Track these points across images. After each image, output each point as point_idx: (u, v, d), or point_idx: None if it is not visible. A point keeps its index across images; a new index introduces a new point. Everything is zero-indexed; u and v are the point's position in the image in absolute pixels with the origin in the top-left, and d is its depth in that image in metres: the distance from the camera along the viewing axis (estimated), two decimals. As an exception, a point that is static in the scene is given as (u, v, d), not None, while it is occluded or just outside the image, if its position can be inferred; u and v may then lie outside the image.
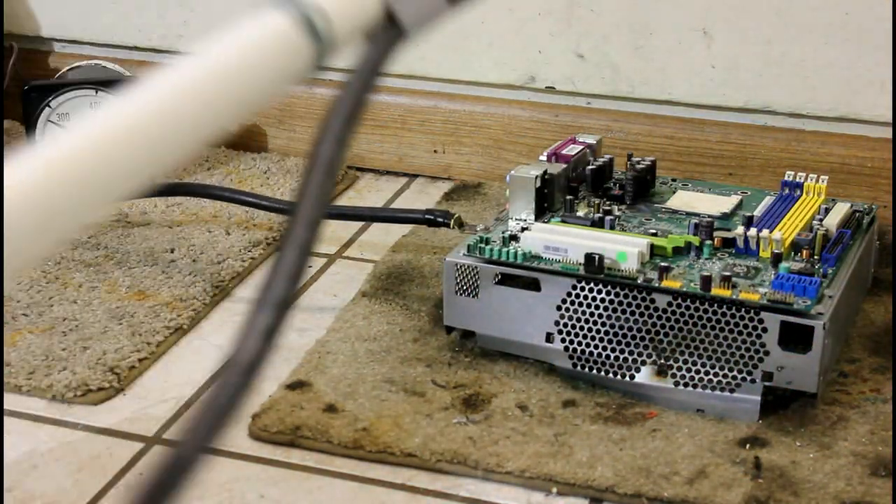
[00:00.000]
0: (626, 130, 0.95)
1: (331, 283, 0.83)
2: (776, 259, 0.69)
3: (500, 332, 0.71)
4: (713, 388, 0.67)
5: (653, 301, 0.67)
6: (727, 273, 0.67)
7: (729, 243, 0.71)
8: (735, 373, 0.66)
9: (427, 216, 0.82)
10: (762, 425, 0.66)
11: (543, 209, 0.75)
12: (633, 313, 0.68)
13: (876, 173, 0.89)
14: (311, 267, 0.85)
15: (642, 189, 0.78)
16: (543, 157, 0.78)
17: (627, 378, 0.68)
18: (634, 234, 0.72)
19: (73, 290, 0.80)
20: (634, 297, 0.67)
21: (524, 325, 0.70)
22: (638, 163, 0.79)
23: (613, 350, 0.68)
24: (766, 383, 0.66)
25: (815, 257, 0.70)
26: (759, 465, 0.63)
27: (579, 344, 0.69)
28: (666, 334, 0.67)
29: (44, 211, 0.29)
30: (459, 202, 0.94)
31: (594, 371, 0.69)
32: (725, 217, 0.75)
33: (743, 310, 0.65)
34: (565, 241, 0.69)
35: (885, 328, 0.75)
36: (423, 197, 0.97)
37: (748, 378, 0.66)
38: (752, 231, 0.70)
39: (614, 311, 0.68)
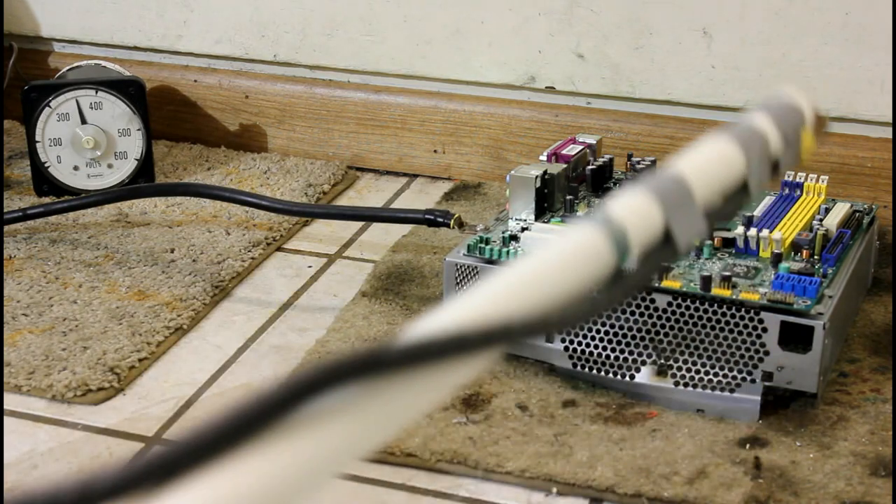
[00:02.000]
0: (626, 130, 0.95)
1: (331, 283, 0.83)
2: (776, 259, 0.69)
3: (500, 332, 0.71)
4: (713, 388, 0.67)
5: (653, 301, 0.67)
6: (727, 273, 0.67)
7: (729, 243, 0.71)
8: (735, 373, 0.66)
9: (427, 216, 0.82)
10: (762, 425, 0.66)
11: (543, 209, 0.75)
12: (633, 313, 0.68)
13: (876, 173, 0.89)
14: (310, 267, 0.85)
15: (642, 189, 0.78)
16: (543, 157, 0.78)
17: (627, 378, 0.68)
18: (634, 234, 0.72)
19: (73, 290, 0.80)
20: (634, 297, 0.67)
21: (524, 325, 0.70)
22: (638, 163, 0.79)
23: (613, 350, 0.68)
24: (766, 383, 0.66)
25: (815, 257, 0.70)
26: (759, 465, 0.63)
27: (579, 344, 0.69)
28: (666, 334, 0.67)
29: None
30: (459, 202, 0.94)
31: (594, 371, 0.69)
32: (725, 217, 0.75)
33: (743, 310, 0.65)
34: (565, 241, 0.69)
35: (885, 328, 0.75)
36: (423, 197, 0.97)
37: (748, 378, 0.66)
38: (752, 231, 0.70)
39: (614, 310, 0.68)
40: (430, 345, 0.29)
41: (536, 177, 0.74)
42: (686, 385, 0.67)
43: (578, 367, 0.69)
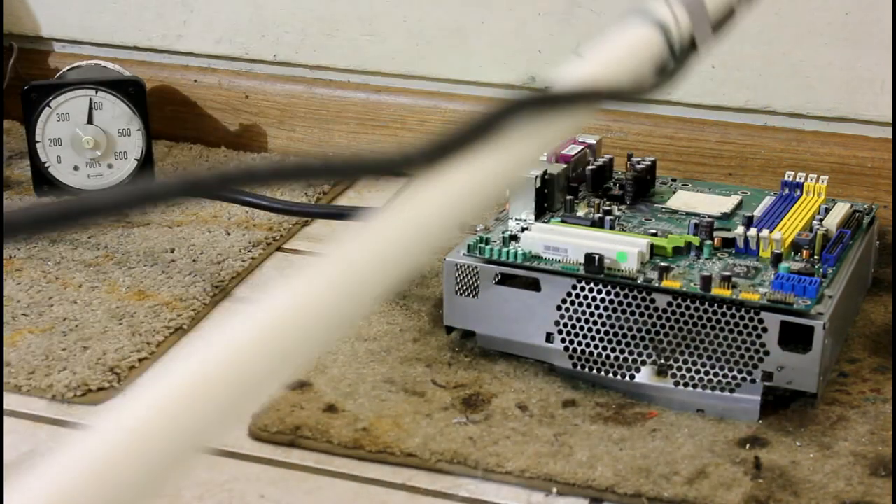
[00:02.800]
0: (626, 130, 0.95)
1: (331, 283, 0.83)
2: (776, 259, 0.69)
3: (500, 332, 0.71)
4: (713, 388, 0.67)
5: (653, 301, 0.67)
6: (727, 273, 0.67)
7: (729, 243, 0.71)
8: (735, 373, 0.66)
9: (427, 216, 0.82)
10: (762, 425, 0.66)
11: (543, 209, 0.75)
12: (633, 313, 0.68)
13: (876, 173, 0.89)
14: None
15: (642, 189, 0.78)
16: (543, 157, 0.78)
17: (627, 378, 0.68)
18: (634, 234, 0.72)
19: (73, 290, 0.80)
20: (634, 297, 0.67)
21: (524, 325, 0.70)
22: (638, 163, 0.79)
23: (613, 350, 0.68)
24: (766, 383, 0.66)
25: (815, 257, 0.70)
26: (759, 465, 0.63)
27: (579, 344, 0.69)
28: (666, 334, 0.67)
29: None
30: (459, 202, 0.94)
31: (594, 371, 0.69)
32: (725, 217, 0.75)
33: (743, 310, 0.65)
34: (565, 241, 0.69)
35: (885, 328, 0.75)
36: (423, 197, 0.97)
37: (748, 378, 0.66)
38: (752, 231, 0.70)
39: (614, 311, 0.68)
40: (573, 93, 0.45)
41: (536, 177, 0.74)
42: (686, 385, 0.67)
43: (578, 367, 0.69)
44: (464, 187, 0.38)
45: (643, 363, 0.68)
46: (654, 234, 0.72)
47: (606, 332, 0.68)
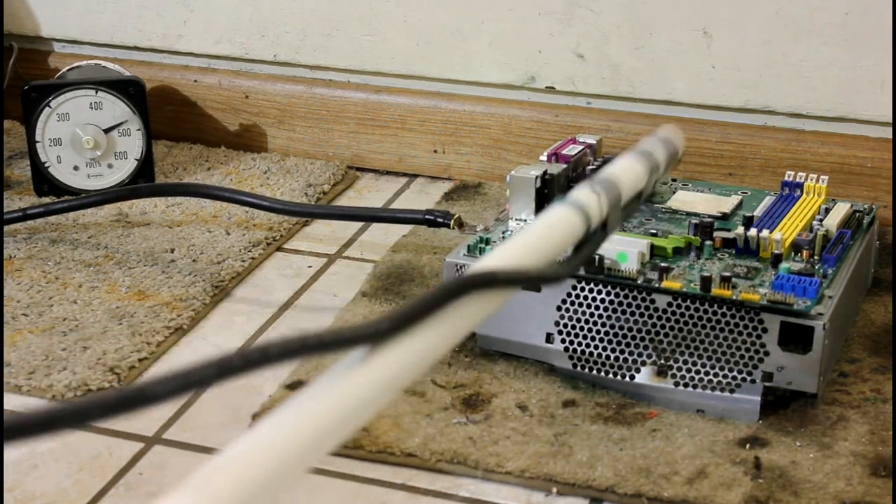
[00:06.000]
0: (626, 130, 0.95)
1: (331, 283, 0.83)
2: (776, 259, 0.69)
3: (500, 332, 0.71)
4: (713, 389, 0.67)
5: (653, 301, 0.67)
6: (727, 273, 0.67)
7: (729, 243, 0.71)
8: (735, 373, 0.66)
9: (427, 216, 0.82)
10: (762, 425, 0.66)
11: (543, 209, 0.75)
12: (633, 313, 0.68)
13: (876, 173, 0.89)
14: (310, 267, 0.85)
15: (642, 189, 0.78)
16: (543, 157, 0.78)
17: (627, 378, 0.68)
18: (634, 234, 0.72)
19: (73, 290, 0.80)
20: (634, 298, 0.67)
21: (524, 325, 0.70)
22: (638, 163, 0.79)
23: (613, 350, 0.68)
24: (766, 383, 0.66)
25: (815, 257, 0.70)
26: (759, 465, 0.63)
27: (579, 344, 0.69)
28: (666, 334, 0.67)
29: None
30: (459, 202, 0.94)
31: (594, 371, 0.69)
32: (725, 217, 0.75)
33: (743, 310, 0.66)
34: (565, 241, 0.69)
35: (885, 328, 0.75)
36: (423, 197, 0.97)
37: (748, 378, 0.66)
38: (752, 231, 0.70)
39: (614, 311, 0.68)
40: (508, 277, 0.51)
41: (536, 177, 0.74)
42: (686, 385, 0.67)
43: (578, 368, 0.69)
44: (422, 350, 0.45)
45: (643, 363, 0.68)
46: (654, 234, 0.72)
47: (606, 333, 0.68)
